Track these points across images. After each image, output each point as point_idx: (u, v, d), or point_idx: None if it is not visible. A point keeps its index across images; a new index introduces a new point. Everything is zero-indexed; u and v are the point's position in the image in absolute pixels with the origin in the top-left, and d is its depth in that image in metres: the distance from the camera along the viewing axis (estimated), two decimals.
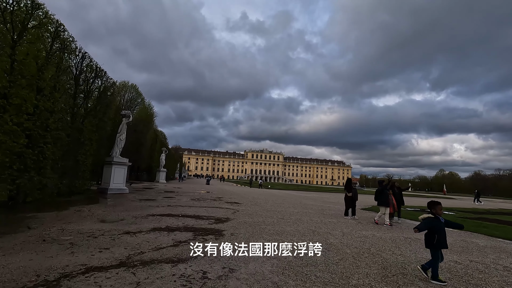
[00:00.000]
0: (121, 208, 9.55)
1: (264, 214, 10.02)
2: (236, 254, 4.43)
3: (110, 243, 4.87)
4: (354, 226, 8.77)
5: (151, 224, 6.90)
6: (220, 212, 9.81)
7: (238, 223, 7.71)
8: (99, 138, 16.36)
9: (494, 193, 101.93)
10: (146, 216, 8.12)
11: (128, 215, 8.09)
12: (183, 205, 11.51)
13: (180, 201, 13.18)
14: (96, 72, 14.76)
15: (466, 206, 25.19)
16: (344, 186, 11.41)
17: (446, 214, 15.41)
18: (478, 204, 29.41)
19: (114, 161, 15.39)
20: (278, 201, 16.99)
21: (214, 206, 11.63)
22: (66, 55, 11.86)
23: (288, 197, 21.87)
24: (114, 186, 15.28)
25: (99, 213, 8.07)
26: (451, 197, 51.43)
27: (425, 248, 4.36)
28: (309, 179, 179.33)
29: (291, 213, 11.09)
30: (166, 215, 8.50)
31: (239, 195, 19.72)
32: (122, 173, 15.82)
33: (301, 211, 12.13)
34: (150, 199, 13.13)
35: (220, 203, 13.38)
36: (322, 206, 15.56)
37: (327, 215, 11.12)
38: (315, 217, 10.16)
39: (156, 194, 16.57)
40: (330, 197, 25.29)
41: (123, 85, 43.62)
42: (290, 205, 14.78)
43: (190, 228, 6.69)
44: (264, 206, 13.26)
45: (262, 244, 4.51)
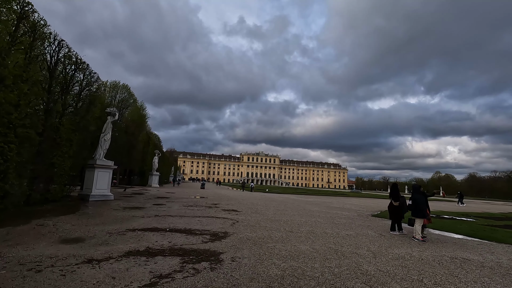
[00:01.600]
0: (96, 220, 7.94)
1: (268, 226, 8.49)
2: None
3: (54, 284, 3.31)
4: (378, 240, 7.30)
5: (128, 244, 5.33)
6: (216, 224, 8.26)
7: (239, 240, 6.18)
8: (81, 138, 14.71)
9: (490, 195, 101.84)
10: (125, 231, 6.54)
11: (102, 230, 6.50)
12: (174, 214, 9.92)
13: (171, 209, 11.57)
14: (76, 64, 13.15)
15: (475, 210, 23.98)
16: (390, 193, 9.29)
17: (465, 220, 14.05)
18: (461, 206, 28.70)
19: (97, 164, 13.74)
20: (280, 207, 15.47)
21: (209, 216, 10.07)
22: (38, 42, 10.28)
23: (288, 202, 20.37)
24: (97, 192, 13.61)
25: (65, 229, 6.46)
26: (450, 199, 50.45)
27: (488, 275, 2.88)
28: (305, 182, 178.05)
29: (299, 223, 9.58)
30: (150, 229, 6.93)
31: (237, 201, 18.15)
32: (106, 178, 14.15)
33: (309, 220, 10.63)
34: (136, 207, 11.50)
35: (217, 211, 11.81)
36: (328, 212, 14.09)
37: (339, 225, 9.64)
38: (329, 228, 8.66)
39: (145, 200, 14.92)
40: (332, 202, 23.85)
41: (114, 85, 41.91)
42: (294, 212, 13.28)
43: (178, 250, 5.13)
44: (266, 214, 11.73)
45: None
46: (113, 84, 41.68)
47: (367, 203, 24.88)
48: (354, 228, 9.09)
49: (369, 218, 12.90)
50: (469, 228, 10.84)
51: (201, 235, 6.51)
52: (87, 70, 14.37)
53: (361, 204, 22.82)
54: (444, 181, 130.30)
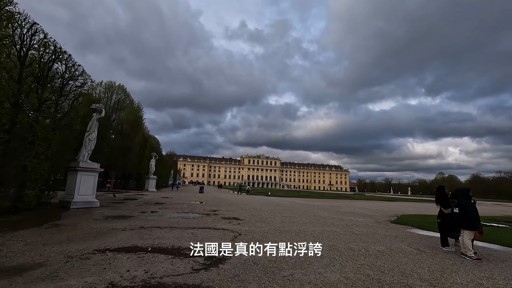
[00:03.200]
0: (63, 235, 6.33)
1: (279, 240, 6.86)
2: None
3: None
4: (422, 260, 5.67)
5: (84, 278, 3.72)
6: (214, 239, 6.64)
7: (243, 266, 4.58)
8: (64, 138, 13.14)
9: (496, 196, 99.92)
10: (92, 253, 4.93)
11: (61, 252, 4.89)
12: (163, 225, 8.30)
13: (162, 218, 9.96)
14: (56, 54, 11.63)
15: (494, 213, 22.27)
16: (436, 198, 7.47)
17: (501, 227, 12.34)
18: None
19: (80, 167, 12.15)
20: (287, 213, 13.83)
21: (206, 226, 8.45)
22: (3, 22, 8.77)
23: (294, 206, 18.72)
24: (80, 199, 12.01)
25: (11, 251, 4.86)
26: None
27: None
28: (307, 184, 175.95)
29: (314, 234, 7.96)
30: (127, 249, 5.32)
31: (238, 206, 16.51)
32: (90, 182, 12.55)
33: (324, 230, 9.00)
34: (122, 216, 9.89)
35: (215, 219, 10.19)
36: (342, 219, 12.45)
37: (361, 236, 8.01)
38: (352, 242, 7.04)
39: (135, 207, 13.29)
40: (341, 206, 22.18)
41: (110, 86, 40.49)
42: (303, 219, 11.64)
43: (155, 287, 3.52)
44: (273, 222, 10.10)
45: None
46: (109, 84, 40.25)
47: (378, 207, 23.21)
48: (382, 241, 7.46)
49: (389, 225, 11.26)
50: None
51: (193, 259, 4.89)
52: (70, 62, 12.85)
53: (372, 208, 21.16)
54: (448, 182, 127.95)
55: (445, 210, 7.09)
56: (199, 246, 5.32)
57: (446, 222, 7.11)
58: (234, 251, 5.43)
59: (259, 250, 5.39)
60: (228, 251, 5.38)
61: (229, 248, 5.59)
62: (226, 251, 5.43)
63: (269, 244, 5.37)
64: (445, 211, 7.09)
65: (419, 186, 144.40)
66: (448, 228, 7.09)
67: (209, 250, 5.34)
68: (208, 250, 5.30)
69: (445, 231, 7.12)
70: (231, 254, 5.21)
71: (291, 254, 5.45)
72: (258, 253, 5.38)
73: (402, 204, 31.09)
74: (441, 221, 7.24)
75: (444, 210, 7.12)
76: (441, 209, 7.26)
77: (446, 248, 6.87)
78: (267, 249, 5.66)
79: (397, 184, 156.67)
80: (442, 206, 7.20)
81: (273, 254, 5.28)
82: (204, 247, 5.27)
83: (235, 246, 5.89)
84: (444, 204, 7.11)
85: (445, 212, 7.08)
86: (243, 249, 5.64)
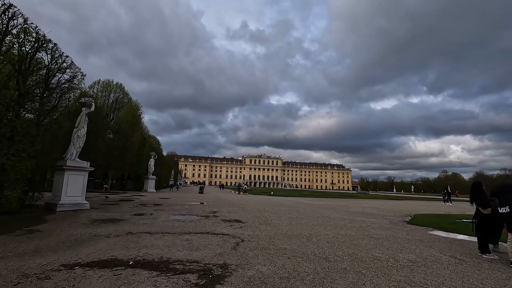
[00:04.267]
0: (32, 245, 5.30)
1: (288, 247, 5.81)
2: None
3: None
4: (465, 272, 4.62)
5: None
6: (212, 247, 5.60)
7: (247, 284, 3.53)
8: (51, 134, 12.16)
9: None
10: (56, 270, 3.90)
11: (17, 269, 3.87)
12: (155, 230, 7.27)
13: (155, 221, 8.93)
14: (39, 42, 10.63)
15: None
16: (472, 196, 6.38)
17: None
18: (448, 205, 26.14)
19: (68, 166, 11.14)
20: (292, 214, 12.78)
21: (204, 231, 7.41)
22: None
23: (300, 207, 17.67)
24: (67, 201, 11.01)
25: None
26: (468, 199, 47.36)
27: None
28: (309, 183, 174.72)
29: (328, 240, 6.91)
30: (102, 263, 4.29)
31: (240, 207, 15.48)
32: (79, 182, 11.54)
33: (337, 233, 7.95)
34: (110, 220, 8.87)
35: (214, 222, 9.15)
36: (353, 220, 11.39)
37: (382, 240, 6.95)
38: (375, 249, 5.98)
39: (129, 209, 12.28)
40: (348, 205, 21.10)
41: (108, 84, 39.59)
42: (312, 220, 10.59)
43: None
44: (279, 225, 9.05)
45: None
46: (106, 83, 39.33)
47: (386, 206, 22.12)
48: (408, 247, 6.40)
49: (407, 227, 10.19)
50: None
51: (183, 275, 3.85)
52: (56, 52, 11.85)
53: (381, 208, 20.06)
54: (452, 180, 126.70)
55: (484, 210, 6.01)
56: (193, 258, 4.28)
57: (485, 224, 6.04)
58: (236, 264, 4.39)
59: (267, 264, 4.34)
60: (229, 265, 4.34)
61: (230, 260, 4.56)
62: (226, 263, 4.39)
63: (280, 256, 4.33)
64: (484, 211, 6.01)
65: (422, 184, 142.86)
66: (487, 231, 6.03)
67: (207, 262, 4.31)
68: (205, 261, 4.25)
69: (484, 235, 6.05)
70: (233, 269, 4.17)
71: (307, 267, 4.40)
72: (266, 266, 4.34)
73: (410, 203, 29.96)
74: (479, 223, 6.18)
75: (482, 211, 6.04)
76: (478, 209, 6.20)
77: (487, 255, 5.80)
78: (277, 262, 4.61)
79: (400, 182, 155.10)
80: (479, 205, 6.12)
81: (285, 269, 4.23)
82: (199, 258, 4.23)
83: (237, 256, 4.85)
84: (483, 203, 6.03)
85: (484, 212, 6.01)
86: (247, 260, 4.62)
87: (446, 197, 30.27)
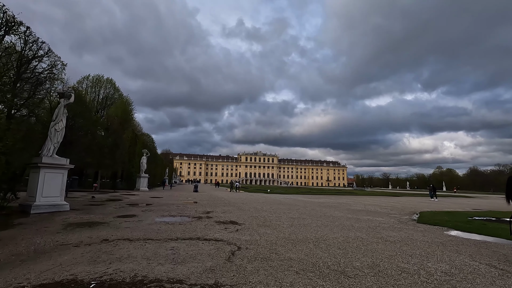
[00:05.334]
0: None
1: (294, 257, 4.83)
2: None
3: None
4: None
5: None
6: (202, 257, 4.59)
7: None
8: (25, 128, 10.98)
9: (495, 189, 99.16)
10: None
11: None
12: (137, 236, 6.22)
13: (140, 224, 7.87)
14: (8, 25, 9.43)
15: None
16: (508, 193, 5.89)
17: None
18: (434, 201, 26.15)
19: (43, 163, 9.99)
20: (293, 213, 11.83)
21: (194, 236, 6.38)
22: None
23: (299, 205, 16.73)
24: (43, 202, 9.87)
25: None
26: (466, 195, 47.21)
27: None
28: (305, 180, 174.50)
29: (339, 245, 5.94)
30: (54, 286, 3.25)
31: (236, 206, 14.48)
32: (57, 181, 10.40)
33: (347, 236, 7.00)
34: (88, 224, 7.79)
35: (208, 224, 8.13)
36: (358, 219, 10.49)
37: (400, 244, 6.02)
38: (396, 257, 5.02)
39: (114, 210, 11.18)
40: (349, 202, 20.24)
41: (98, 80, 38.07)
42: (315, 220, 9.65)
43: None
44: (280, 227, 8.07)
45: None
46: (96, 78, 37.79)
47: (387, 203, 21.34)
48: (432, 253, 5.47)
49: (419, 226, 9.31)
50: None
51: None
52: (30, 37, 10.65)
53: (383, 205, 19.26)
54: (446, 176, 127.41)
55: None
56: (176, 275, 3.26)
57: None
58: (231, 284, 3.39)
59: (271, 283, 3.36)
60: (223, 286, 3.34)
61: (223, 278, 3.56)
62: (218, 283, 3.39)
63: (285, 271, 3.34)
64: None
65: (418, 181, 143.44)
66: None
67: (193, 282, 3.30)
68: (191, 281, 3.24)
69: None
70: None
71: (323, 287, 3.42)
72: (269, 286, 3.35)
73: (409, 199, 29.31)
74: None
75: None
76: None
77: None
78: (283, 279, 3.62)
79: (395, 179, 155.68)
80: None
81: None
82: (184, 277, 3.22)
83: (233, 271, 3.85)
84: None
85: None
86: (246, 277, 3.64)
87: (432, 193, 30.37)
